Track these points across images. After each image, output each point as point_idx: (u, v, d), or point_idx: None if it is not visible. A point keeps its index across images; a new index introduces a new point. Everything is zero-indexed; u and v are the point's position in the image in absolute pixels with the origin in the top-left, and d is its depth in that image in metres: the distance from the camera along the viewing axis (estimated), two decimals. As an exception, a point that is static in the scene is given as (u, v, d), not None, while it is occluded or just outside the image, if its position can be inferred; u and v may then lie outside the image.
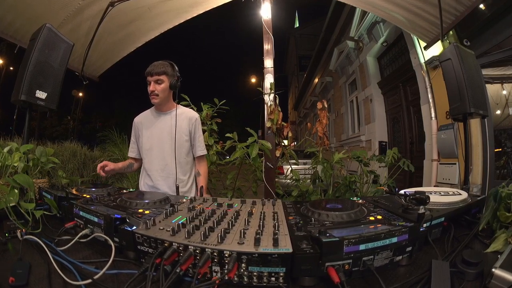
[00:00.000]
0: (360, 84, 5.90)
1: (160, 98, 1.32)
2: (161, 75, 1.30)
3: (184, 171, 1.38)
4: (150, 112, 1.44)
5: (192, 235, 0.49)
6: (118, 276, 0.51)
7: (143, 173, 1.41)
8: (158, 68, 1.30)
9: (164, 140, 1.35)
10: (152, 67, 1.31)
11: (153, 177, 1.36)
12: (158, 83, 1.30)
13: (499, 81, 3.05)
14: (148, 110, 1.47)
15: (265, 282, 0.45)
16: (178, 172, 1.33)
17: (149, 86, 1.31)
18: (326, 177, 2.10)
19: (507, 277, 0.44)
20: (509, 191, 0.72)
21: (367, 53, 5.35)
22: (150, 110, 1.46)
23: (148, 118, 1.42)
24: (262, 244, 0.46)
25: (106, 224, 0.62)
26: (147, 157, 1.38)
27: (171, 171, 1.33)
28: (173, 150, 1.31)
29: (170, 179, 1.34)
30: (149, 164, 1.37)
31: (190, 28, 5.60)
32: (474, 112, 1.47)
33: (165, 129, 1.36)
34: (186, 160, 1.39)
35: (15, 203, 0.75)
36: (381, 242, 0.50)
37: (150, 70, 1.30)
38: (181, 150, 1.36)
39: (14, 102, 1.24)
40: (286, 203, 0.81)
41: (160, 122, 1.38)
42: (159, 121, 1.38)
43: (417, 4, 2.17)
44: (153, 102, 1.34)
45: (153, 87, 1.30)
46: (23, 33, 2.02)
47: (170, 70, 1.32)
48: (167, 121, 1.37)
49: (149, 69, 1.30)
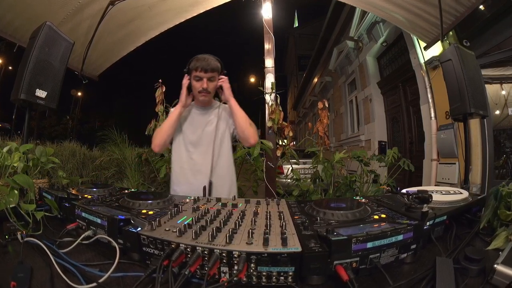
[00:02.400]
0: (360, 84, 5.91)
1: (210, 96, 1.23)
2: (215, 72, 1.18)
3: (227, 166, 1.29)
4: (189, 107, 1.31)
5: (199, 236, 0.49)
6: (124, 279, 0.50)
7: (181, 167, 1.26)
8: (213, 64, 1.17)
9: (211, 135, 1.25)
10: (206, 62, 1.16)
11: (195, 173, 1.23)
12: (211, 81, 1.18)
13: (498, 81, 3.07)
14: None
15: (274, 282, 0.45)
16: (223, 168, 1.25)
17: (198, 82, 1.18)
18: (326, 176, 2.10)
19: (509, 273, 0.45)
20: (510, 190, 0.73)
21: (366, 53, 5.36)
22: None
23: (187, 112, 1.29)
24: (271, 244, 0.46)
25: (110, 225, 0.61)
26: (187, 154, 1.25)
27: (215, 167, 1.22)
28: (218, 145, 1.23)
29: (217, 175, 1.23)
30: (192, 160, 1.25)
31: (190, 28, 5.58)
32: (474, 113, 1.48)
33: (211, 124, 1.26)
34: (229, 155, 1.30)
35: (15, 204, 0.74)
36: (387, 239, 0.50)
37: (205, 66, 1.15)
38: (226, 145, 1.28)
39: (13, 101, 1.23)
40: (290, 202, 0.81)
41: (204, 116, 1.28)
42: (203, 116, 1.28)
43: (417, 4, 2.18)
44: (202, 99, 1.23)
45: (207, 85, 1.17)
46: (23, 32, 2.00)
47: (221, 68, 1.22)
48: (212, 116, 1.28)
49: (203, 64, 1.15)
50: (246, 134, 1.20)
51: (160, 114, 2.33)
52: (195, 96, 1.24)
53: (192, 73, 1.19)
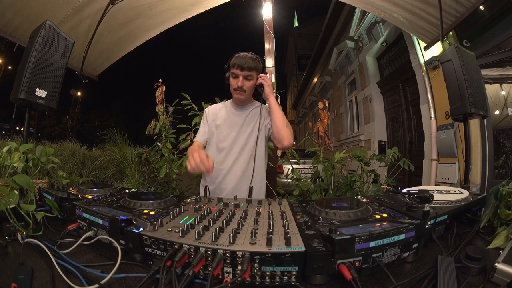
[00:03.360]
0: (360, 83, 5.92)
1: (246, 95, 1.19)
2: (252, 70, 1.14)
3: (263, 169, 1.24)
4: (225, 106, 1.28)
5: (202, 236, 0.48)
6: (126, 280, 0.50)
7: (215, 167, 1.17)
8: (250, 63, 1.13)
9: (247, 135, 1.21)
10: (244, 59, 1.12)
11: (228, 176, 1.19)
12: (248, 79, 1.15)
13: (498, 81, 3.07)
14: (221, 104, 1.31)
15: (277, 282, 0.45)
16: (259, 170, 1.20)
17: (234, 79, 1.15)
18: (327, 176, 2.10)
19: (509, 271, 0.46)
20: (510, 189, 0.74)
21: (366, 53, 5.37)
22: (223, 103, 1.30)
23: (224, 111, 1.26)
24: (275, 243, 0.46)
25: (112, 226, 0.60)
26: (221, 154, 1.21)
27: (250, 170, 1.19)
28: (254, 147, 1.19)
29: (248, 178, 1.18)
30: (224, 162, 1.21)
31: (190, 27, 5.58)
32: (474, 113, 1.48)
33: (248, 125, 1.22)
34: (265, 156, 1.26)
35: (15, 205, 0.73)
36: (390, 239, 0.51)
37: (242, 63, 1.12)
38: (263, 146, 1.24)
39: (13, 101, 1.22)
40: (292, 202, 0.81)
41: (240, 117, 1.24)
42: (238, 117, 1.24)
43: (417, 4, 2.18)
44: (237, 97, 1.19)
45: (242, 83, 1.14)
46: (22, 31, 1.99)
47: (260, 67, 1.18)
48: (249, 115, 1.24)
49: (240, 61, 1.12)
50: (281, 135, 1.14)
51: (160, 113, 2.33)
52: (232, 94, 1.21)
53: (230, 70, 1.16)
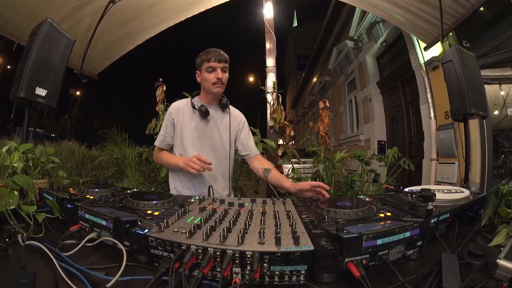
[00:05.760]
0: (359, 83, 5.93)
1: (224, 88, 1.18)
2: (227, 62, 1.15)
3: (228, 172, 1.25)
4: (188, 102, 1.23)
5: (209, 237, 0.48)
6: (132, 282, 0.49)
7: (179, 173, 1.21)
8: (225, 55, 1.14)
9: (218, 138, 1.22)
10: (218, 53, 1.13)
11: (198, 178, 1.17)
12: (224, 71, 1.15)
13: (497, 82, 3.09)
14: (187, 99, 1.26)
15: (286, 281, 0.45)
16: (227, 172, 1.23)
17: (212, 73, 1.14)
18: (327, 176, 2.11)
19: (511, 267, 0.47)
20: (510, 188, 0.75)
21: (366, 52, 5.38)
22: (187, 100, 1.26)
23: (189, 109, 1.22)
24: (283, 243, 0.46)
25: (116, 227, 0.59)
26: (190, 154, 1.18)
27: (225, 172, 1.22)
28: (228, 150, 1.21)
29: (220, 181, 1.22)
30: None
31: (190, 26, 5.57)
32: (474, 113, 1.49)
33: (219, 125, 1.22)
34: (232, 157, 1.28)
35: (15, 206, 0.70)
36: (396, 236, 0.52)
37: (218, 56, 1.12)
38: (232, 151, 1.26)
39: (13, 100, 1.21)
40: (296, 201, 0.81)
41: (215, 116, 1.23)
42: (213, 115, 1.22)
43: (417, 5, 2.19)
44: (217, 91, 1.17)
45: (221, 75, 1.13)
46: (22, 29, 1.98)
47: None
48: (222, 116, 1.24)
49: (215, 54, 1.12)
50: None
51: (160, 113, 2.32)
52: (207, 90, 1.19)
53: (203, 65, 1.14)
